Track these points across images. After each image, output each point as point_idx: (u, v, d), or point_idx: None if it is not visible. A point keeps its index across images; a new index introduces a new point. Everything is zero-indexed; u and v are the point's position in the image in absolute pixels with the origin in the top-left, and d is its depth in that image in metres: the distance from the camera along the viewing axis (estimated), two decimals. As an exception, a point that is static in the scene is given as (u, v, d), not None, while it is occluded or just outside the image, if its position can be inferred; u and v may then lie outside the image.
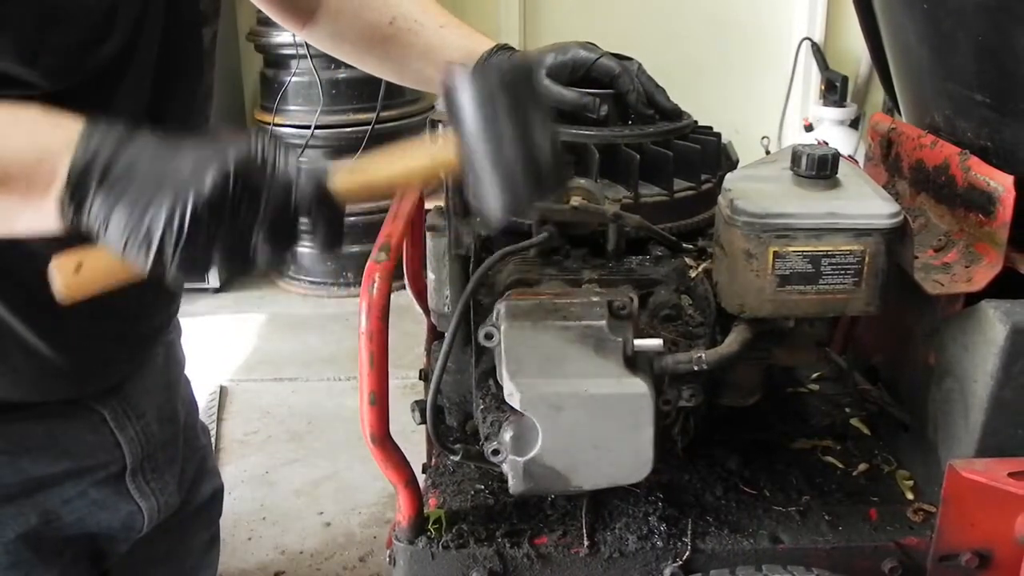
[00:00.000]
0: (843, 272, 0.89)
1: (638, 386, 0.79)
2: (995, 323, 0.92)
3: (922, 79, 1.18)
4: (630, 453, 0.82)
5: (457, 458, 0.95)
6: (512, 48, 1.12)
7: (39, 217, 0.68)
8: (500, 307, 0.83)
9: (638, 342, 0.80)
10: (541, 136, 0.70)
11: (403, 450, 0.97)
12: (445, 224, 1.02)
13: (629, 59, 1.07)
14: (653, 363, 0.85)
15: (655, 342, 0.82)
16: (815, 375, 1.28)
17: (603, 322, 0.78)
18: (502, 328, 0.81)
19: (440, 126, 0.96)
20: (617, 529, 0.98)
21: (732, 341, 0.91)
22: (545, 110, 0.73)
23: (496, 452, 0.86)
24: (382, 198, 0.76)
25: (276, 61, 3.66)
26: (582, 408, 0.77)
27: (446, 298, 1.07)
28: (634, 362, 0.80)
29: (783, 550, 0.96)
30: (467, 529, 0.99)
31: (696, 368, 0.87)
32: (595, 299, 0.82)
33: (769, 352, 0.98)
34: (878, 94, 3.98)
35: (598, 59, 1.04)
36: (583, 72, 1.04)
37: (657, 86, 1.07)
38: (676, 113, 1.07)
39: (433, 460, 1.13)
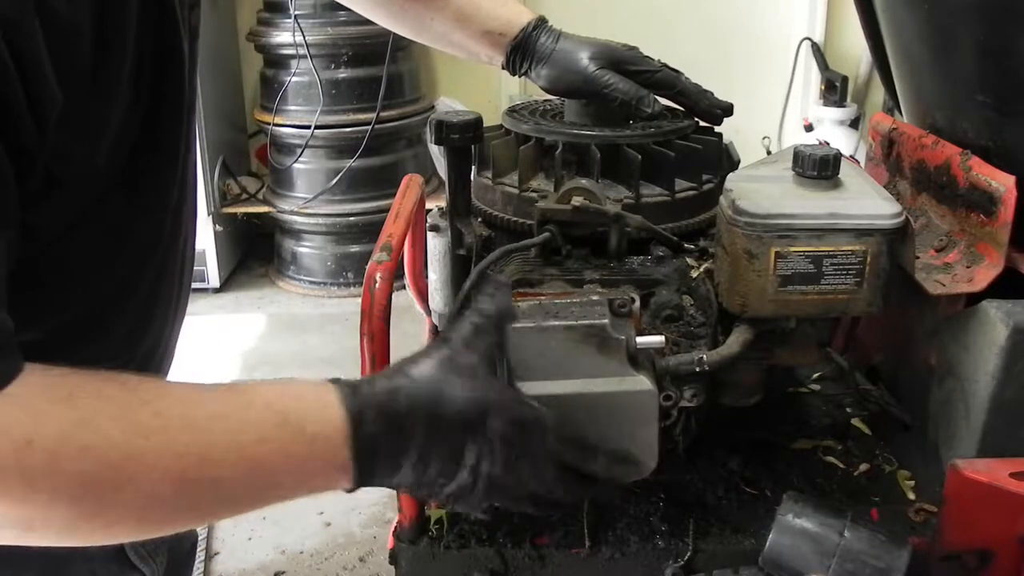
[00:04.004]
0: (845, 272, 0.89)
1: (642, 383, 0.78)
2: (996, 323, 0.92)
3: (923, 79, 1.18)
4: (636, 450, 0.82)
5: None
6: (548, 23, 1.12)
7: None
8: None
9: (640, 340, 0.80)
10: None
11: (404, 450, 0.96)
12: (446, 224, 1.02)
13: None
14: (655, 363, 0.85)
15: (657, 339, 0.82)
16: (816, 375, 1.28)
17: (605, 321, 0.78)
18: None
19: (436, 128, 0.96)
20: (618, 529, 0.98)
21: (733, 342, 0.91)
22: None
23: None
24: None
25: (276, 61, 3.65)
26: (587, 407, 0.77)
27: (447, 298, 1.07)
28: (637, 360, 0.80)
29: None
30: (468, 529, 0.99)
31: (698, 369, 0.87)
32: (596, 298, 0.81)
33: (771, 352, 0.98)
34: (878, 94, 3.98)
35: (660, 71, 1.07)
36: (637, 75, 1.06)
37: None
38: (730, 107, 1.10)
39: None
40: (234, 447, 0.64)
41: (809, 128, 4.04)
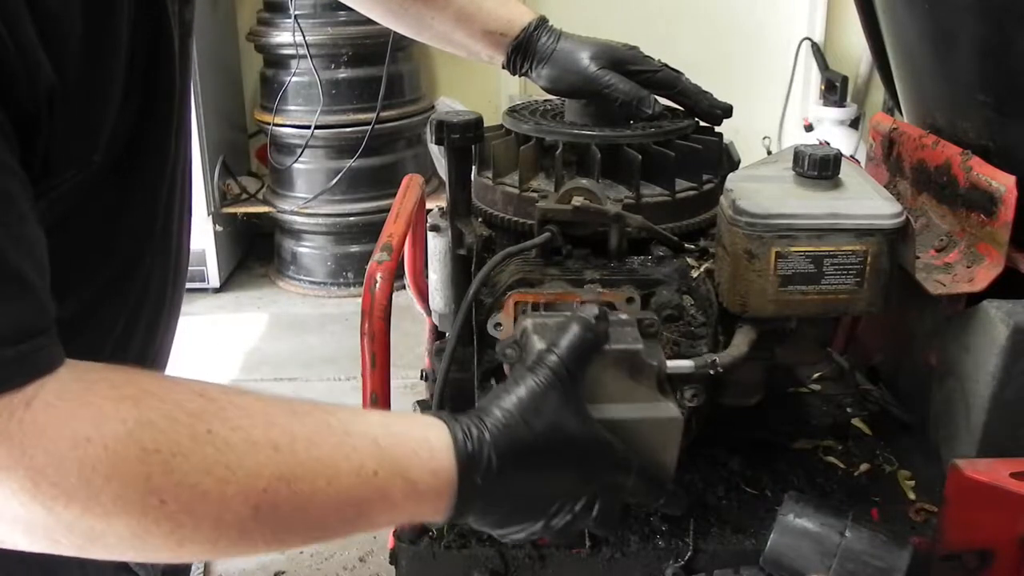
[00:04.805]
0: (845, 272, 0.89)
1: (671, 410, 0.76)
2: (997, 323, 0.92)
3: (924, 79, 1.18)
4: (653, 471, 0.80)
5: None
6: (549, 22, 1.12)
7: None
8: (526, 324, 0.79)
9: (671, 364, 0.78)
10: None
11: (405, 450, 0.96)
12: (447, 224, 1.02)
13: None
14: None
15: (687, 363, 0.80)
16: (816, 375, 1.28)
17: (640, 347, 0.75)
18: (530, 348, 0.77)
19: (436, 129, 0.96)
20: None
21: (741, 342, 0.91)
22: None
23: None
24: None
25: (276, 61, 3.65)
26: (611, 433, 0.73)
27: (447, 298, 1.07)
28: (663, 382, 0.78)
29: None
30: (469, 529, 0.99)
31: (712, 372, 0.87)
32: (624, 317, 0.78)
33: (771, 352, 0.98)
34: (878, 94, 3.98)
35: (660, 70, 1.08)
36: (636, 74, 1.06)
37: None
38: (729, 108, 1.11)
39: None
40: (324, 475, 0.60)
41: (809, 128, 4.04)
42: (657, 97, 1.06)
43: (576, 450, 0.69)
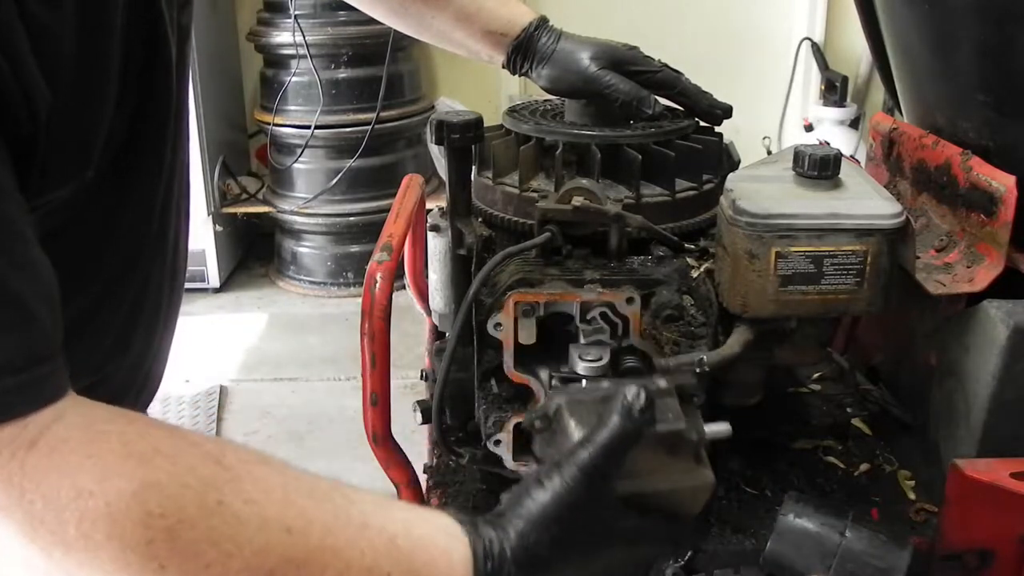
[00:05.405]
0: (845, 272, 0.89)
1: (706, 476, 0.73)
2: (997, 323, 0.92)
3: (924, 79, 1.18)
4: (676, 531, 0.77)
5: (463, 461, 0.95)
6: (549, 22, 1.12)
7: None
8: (560, 403, 0.73)
9: (708, 429, 0.74)
10: None
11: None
12: (447, 224, 1.02)
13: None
14: (654, 363, 0.84)
15: (724, 427, 0.76)
16: (816, 375, 1.28)
17: (682, 425, 0.72)
18: (563, 431, 0.73)
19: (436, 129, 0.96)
20: (619, 529, 0.98)
21: (734, 342, 0.91)
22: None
23: (499, 443, 0.87)
24: None
25: (276, 61, 3.66)
26: (642, 503, 0.70)
27: (447, 298, 1.07)
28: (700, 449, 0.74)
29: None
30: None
31: (698, 370, 0.87)
32: (663, 385, 0.73)
33: (771, 352, 0.98)
34: (878, 94, 3.98)
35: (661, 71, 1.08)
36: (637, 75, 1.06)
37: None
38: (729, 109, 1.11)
39: (435, 460, 1.13)
40: (335, 567, 0.58)
41: (809, 128, 4.04)
42: (657, 97, 1.06)
43: (602, 547, 0.67)
